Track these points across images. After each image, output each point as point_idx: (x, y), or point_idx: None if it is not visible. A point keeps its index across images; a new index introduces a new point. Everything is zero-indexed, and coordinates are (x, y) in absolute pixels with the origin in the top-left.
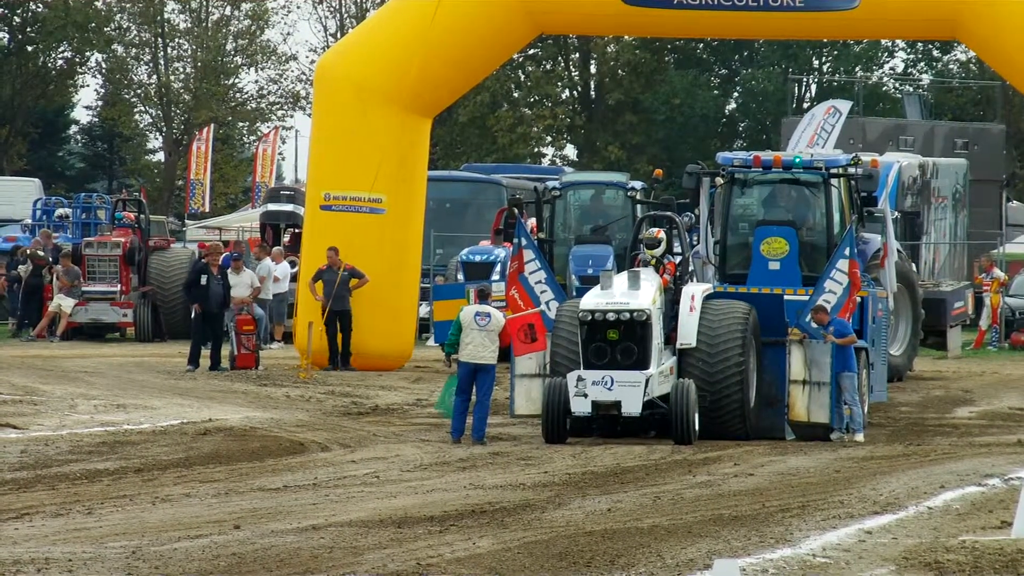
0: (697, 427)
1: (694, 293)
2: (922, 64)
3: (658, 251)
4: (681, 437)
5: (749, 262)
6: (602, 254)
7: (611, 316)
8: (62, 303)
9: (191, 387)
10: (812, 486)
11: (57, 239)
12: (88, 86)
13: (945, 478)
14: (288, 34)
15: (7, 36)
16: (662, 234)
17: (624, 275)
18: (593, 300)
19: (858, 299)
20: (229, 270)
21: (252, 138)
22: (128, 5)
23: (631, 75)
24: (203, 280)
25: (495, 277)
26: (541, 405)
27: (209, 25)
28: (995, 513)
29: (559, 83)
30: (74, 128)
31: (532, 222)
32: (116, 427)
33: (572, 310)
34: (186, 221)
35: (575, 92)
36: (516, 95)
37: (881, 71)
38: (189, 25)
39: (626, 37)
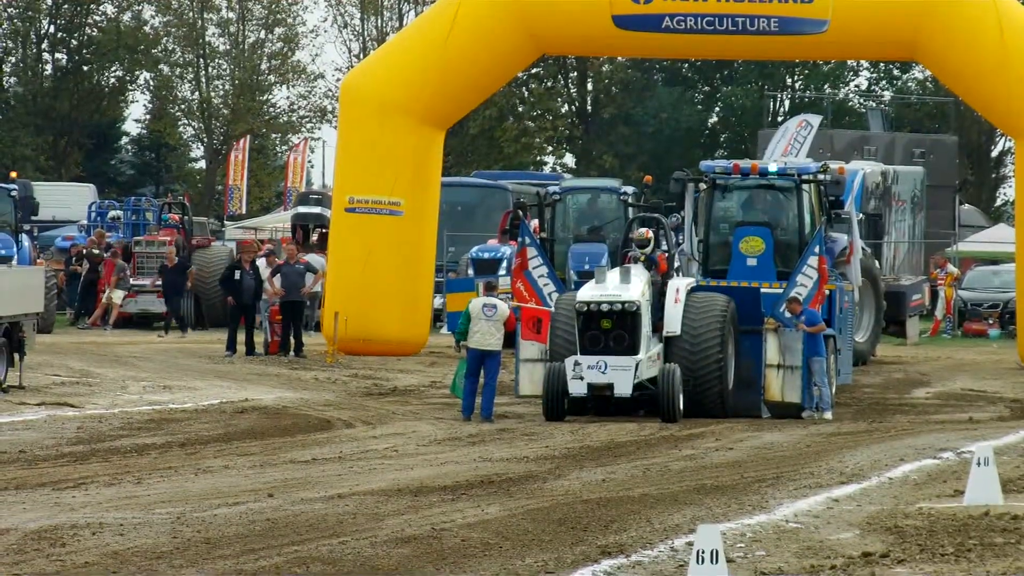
0: (682, 407)
1: (679, 286)
2: (884, 82)
3: (647, 249)
4: (668, 416)
5: (729, 259)
6: (597, 251)
7: (605, 307)
8: (114, 295)
9: (229, 370)
10: (785, 459)
11: (110, 238)
12: (137, 102)
13: (904, 452)
14: (316, 55)
15: (65, 57)
16: (650, 234)
17: (616, 270)
18: (588, 293)
19: (827, 292)
20: (263, 265)
21: (284, 148)
22: (173, 29)
23: (623, 92)
24: (236, 275)
25: (502, 272)
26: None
27: (246, 47)
28: (949, 483)
29: (559, 99)
30: (125, 139)
31: (535, 223)
32: (162, 406)
33: (569, 302)
34: (225, 222)
35: (573, 107)
36: (521, 109)
37: (847, 88)
38: (228, 47)
39: (618, 58)
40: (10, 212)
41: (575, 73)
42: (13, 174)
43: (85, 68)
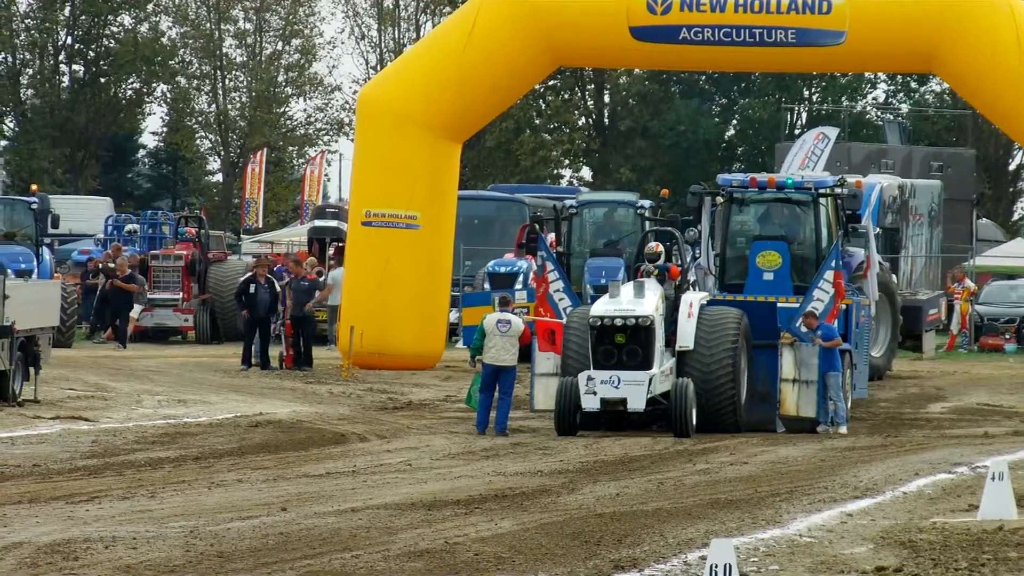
0: (695, 421)
1: (692, 301)
2: (901, 95)
3: (659, 263)
4: (681, 430)
5: (746, 273)
6: (614, 265)
7: (618, 322)
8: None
9: (244, 384)
10: (800, 473)
11: (126, 252)
12: (154, 114)
13: (919, 466)
14: (333, 67)
15: (82, 69)
16: (660, 247)
17: (630, 285)
18: (602, 307)
19: (843, 306)
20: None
21: (301, 161)
22: (190, 41)
23: (640, 104)
24: (251, 289)
25: (518, 286)
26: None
27: (263, 59)
28: (963, 498)
29: (576, 111)
30: (142, 152)
31: (552, 237)
32: (177, 420)
33: (582, 316)
34: (241, 236)
35: (590, 119)
36: (537, 122)
37: (865, 101)
38: (245, 59)
39: (636, 70)
40: (31, 225)
41: (592, 85)
42: (34, 187)
43: (102, 80)
